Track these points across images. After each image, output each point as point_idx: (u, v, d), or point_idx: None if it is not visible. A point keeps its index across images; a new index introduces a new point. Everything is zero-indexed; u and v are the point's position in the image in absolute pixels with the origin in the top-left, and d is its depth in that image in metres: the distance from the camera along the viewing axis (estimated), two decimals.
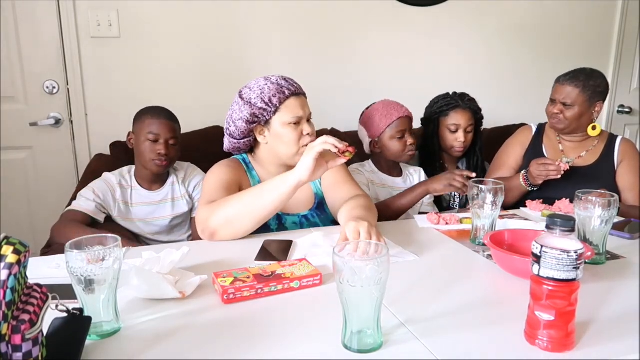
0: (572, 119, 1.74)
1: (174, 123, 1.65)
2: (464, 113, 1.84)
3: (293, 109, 1.37)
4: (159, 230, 1.69)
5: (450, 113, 1.86)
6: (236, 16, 2.23)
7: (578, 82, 1.71)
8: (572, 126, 1.77)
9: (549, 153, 1.85)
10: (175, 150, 1.64)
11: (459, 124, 1.84)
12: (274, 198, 1.23)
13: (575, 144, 1.84)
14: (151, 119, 1.61)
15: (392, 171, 1.82)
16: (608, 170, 1.79)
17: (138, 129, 1.62)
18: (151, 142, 1.58)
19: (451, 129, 1.86)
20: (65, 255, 0.77)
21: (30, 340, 0.63)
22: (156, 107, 1.66)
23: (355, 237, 1.05)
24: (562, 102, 1.74)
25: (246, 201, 1.25)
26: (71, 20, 2.05)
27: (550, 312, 0.74)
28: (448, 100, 1.87)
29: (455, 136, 1.86)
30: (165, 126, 1.60)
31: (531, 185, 1.71)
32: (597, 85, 1.73)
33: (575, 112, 1.73)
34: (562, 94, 1.74)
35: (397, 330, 0.82)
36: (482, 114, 1.91)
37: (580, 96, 1.71)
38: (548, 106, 1.81)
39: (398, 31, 2.46)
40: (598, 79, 1.74)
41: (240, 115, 1.36)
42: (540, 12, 2.67)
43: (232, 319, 0.87)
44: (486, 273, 1.11)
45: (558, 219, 0.75)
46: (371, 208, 1.34)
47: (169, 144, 1.61)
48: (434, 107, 1.93)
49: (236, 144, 1.43)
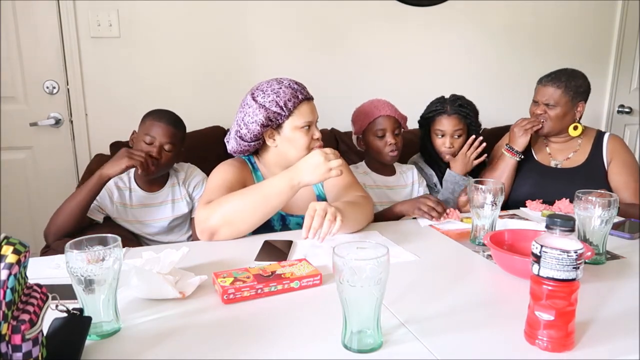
0: (555, 120, 1.76)
1: (174, 129, 1.60)
2: (449, 119, 1.83)
3: (305, 113, 1.37)
4: (158, 231, 1.69)
5: (437, 118, 1.86)
6: (236, 16, 2.23)
7: (560, 83, 1.73)
8: (556, 127, 1.78)
9: (537, 155, 1.87)
10: (169, 157, 1.60)
11: (444, 129, 1.84)
12: (275, 198, 1.25)
13: (561, 145, 1.85)
14: (152, 120, 1.59)
15: (384, 170, 1.82)
16: (598, 170, 1.79)
17: (140, 128, 1.61)
18: (146, 144, 1.57)
19: (438, 134, 1.87)
20: (65, 255, 0.77)
21: (30, 340, 0.63)
22: (162, 110, 1.63)
23: (311, 214, 1.15)
24: (545, 103, 1.76)
25: (246, 199, 1.25)
26: (71, 20, 2.05)
27: (550, 312, 0.74)
28: (436, 106, 1.87)
29: (442, 141, 1.86)
30: (163, 130, 1.57)
31: (517, 153, 1.78)
32: (579, 86, 1.75)
33: (559, 112, 1.75)
34: (544, 95, 1.76)
35: (397, 330, 0.82)
36: (474, 119, 1.88)
37: (563, 97, 1.74)
38: (531, 107, 1.83)
39: (398, 31, 2.47)
40: (579, 79, 1.76)
41: (255, 118, 1.35)
42: (540, 12, 2.67)
43: (232, 319, 0.87)
44: (486, 273, 1.11)
45: (558, 219, 0.75)
46: (357, 204, 1.35)
47: (163, 149, 1.57)
48: (424, 112, 1.94)
49: (245, 146, 1.42)
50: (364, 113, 1.78)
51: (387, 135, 1.73)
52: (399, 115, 1.76)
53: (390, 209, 1.60)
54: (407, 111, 1.85)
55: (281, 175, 1.27)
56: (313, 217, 1.15)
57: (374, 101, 1.80)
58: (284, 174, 1.27)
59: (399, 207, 1.57)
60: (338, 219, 1.16)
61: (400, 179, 1.83)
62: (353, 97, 1.85)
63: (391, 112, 1.75)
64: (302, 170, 1.24)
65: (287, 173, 1.26)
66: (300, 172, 1.24)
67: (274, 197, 1.26)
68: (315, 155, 1.24)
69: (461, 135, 1.86)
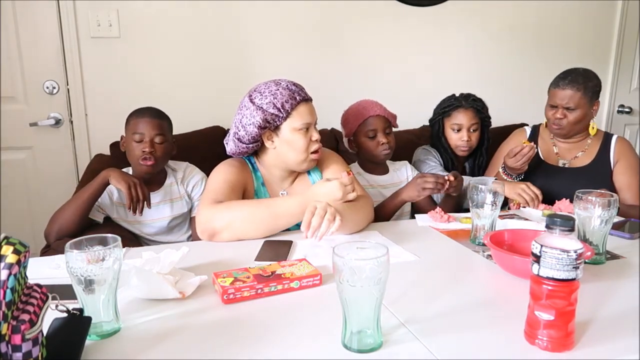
0: (575, 122, 1.74)
1: (160, 120, 1.60)
2: (465, 112, 1.86)
3: (303, 115, 1.37)
4: (158, 231, 1.69)
5: (453, 113, 1.89)
6: (236, 16, 2.23)
7: (579, 85, 1.70)
8: (575, 129, 1.77)
9: (543, 155, 1.86)
10: (163, 148, 1.59)
11: (461, 123, 1.87)
12: (284, 218, 1.28)
13: (570, 145, 1.84)
14: (136, 119, 1.59)
15: (377, 170, 1.82)
16: (604, 170, 1.79)
17: (126, 131, 1.62)
18: (137, 142, 1.57)
19: (454, 128, 1.88)
20: (65, 255, 0.77)
21: (30, 340, 0.63)
22: (142, 108, 1.63)
23: (312, 210, 1.17)
24: (566, 107, 1.72)
25: (255, 213, 1.27)
26: (71, 20, 2.05)
27: (550, 311, 0.74)
28: (451, 101, 1.90)
29: (459, 135, 1.88)
30: (148, 124, 1.57)
31: (515, 177, 1.73)
32: (595, 85, 1.73)
33: (579, 115, 1.73)
34: (564, 98, 1.72)
35: (397, 330, 0.82)
36: (487, 114, 1.92)
37: (583, 98, 1.71)
38: (548, 112, 1.79)
39: (399, 31, 2.46)
40: (594, 79, 1.74)
41: (252, 120, 1.35)
42: (540, 12, 2.67)
43: (232, 319, 0.87)
44: (486, 273, 1.11)
45: (558, 219, 0.75)
46: (357, 205, 1.35)
47: (154, 142, 1.57)
48: (438, 108, 1.96)
49: (244, 148, 1.41)
50: (353, 115, 1.78)
51: (379, 135, 1.73)
52: (388, 114, 1.77)
53: (392, 199, 1.61)
54: (407, 111, 1.85)
55: (295, 198, 1.30)
56: (313, 214, 1.16)
57: (362, 102, 1.80)
58: (298, 198, 1.29)
59: (402, 195, 1.58)
60: (337, 220, 1.17)
61: (394, 177, 1.83)
62: (353, 98, 1.85)
63: (381, 112, 1.75)
64: (318, 199, 1.24)
65: (301, 197, 1.29)
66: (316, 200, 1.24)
67: (282, 217, 1.28)
68: (335, 190, 1.27)
69: (476, 130, 1.89)
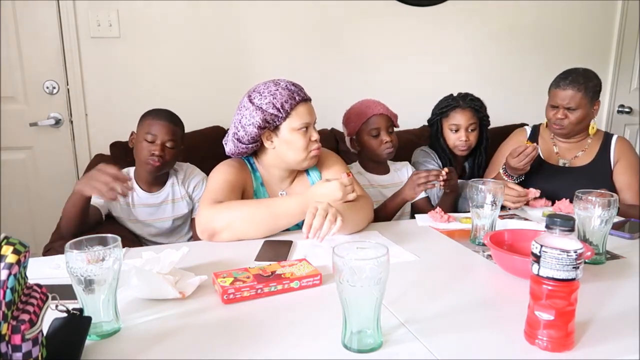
0: (576, 122, 1.74)
1: (174, 126, 1.62)
2: (463, 112, 1.86)
3: (302, 115, 1.37)
4: (159, 232, 1.69)
5: (450, 113, 1.88)
6: (236, 16, 2.23)
7: (580, 85, 1.70)
8: (577, 129, 1.77)
9: (544, 154, 1.86)
10: (172, 154, 1.61)
11: (459, 123, 1.86)
12: (284, 219, 1.29)
13: (570, 145, 1.84)
14: (152, 119, 1.60)
15: (378, 169, 1.83)
16: (604, 170, 1.79)
17: (139, 128, 1.62)
18: (148, 142, 1.58)
19: (452, 129, 1.88)
20: (65, 255, 0.77)
21: (30, 340, 0.63)
22: (160, 109, 1.65)
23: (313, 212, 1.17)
24: (567, 107, 1.72)
25: (255, 213, 1.27)
26: (71, 20, 2.05)
27: (550, 311, 0.74)
28: (448, 102, 1.90)
29: (457, 136, 1.88)
30: (163, 128, 1.59)
31: (516, 178, 1.73)
32: (596, 85, 1.73)
33: (580, 115, 1.73)
34: (565, 98, 1.71)
35: (397, 330, 0.82)
36: (485, 113, 1.92)
37: (584, 98, 1.70)
38: (549, 112, 1.79)
39: (398, 31, 2.46)
40: (595, 79, 1.74)
41: (252, 120, 1.35)
42: (540, 12, 2.67)
43: (232, 319, 0.87)
44: (486, 273, 1.11)
45: (558, 219, 0.75)
46: (357, 205, 1.36)
47: (165, 146, 1.59)
48: (436, 109, 1.95)
49: (243, 148, 1.41)
50: (356, 114, 1.78)
51: (382, 134, 1.74)
52: (390, 113, 1.78)
53: (392, 199, 1.63)
54: (407, 111, 1.85)
55: (295, 198, 1.31)
56: (314, 215, 1.16)
57: (365, 101, 1.81)
58: (298, 198, 1.30)
59: (401, 195, 1.60)
60: (338, 221, 1.18)
61: (395, 177, 1.84)
62: (353, 98, 1.85)
63: (383, 111, 1.76)
64: (318, 199, 1.24)
65: (301, 197, 1.29)
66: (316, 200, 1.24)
67: (282, 218, 1.28)
68: (335, 191, 1.27)
69: (475, 130, 1.89)
